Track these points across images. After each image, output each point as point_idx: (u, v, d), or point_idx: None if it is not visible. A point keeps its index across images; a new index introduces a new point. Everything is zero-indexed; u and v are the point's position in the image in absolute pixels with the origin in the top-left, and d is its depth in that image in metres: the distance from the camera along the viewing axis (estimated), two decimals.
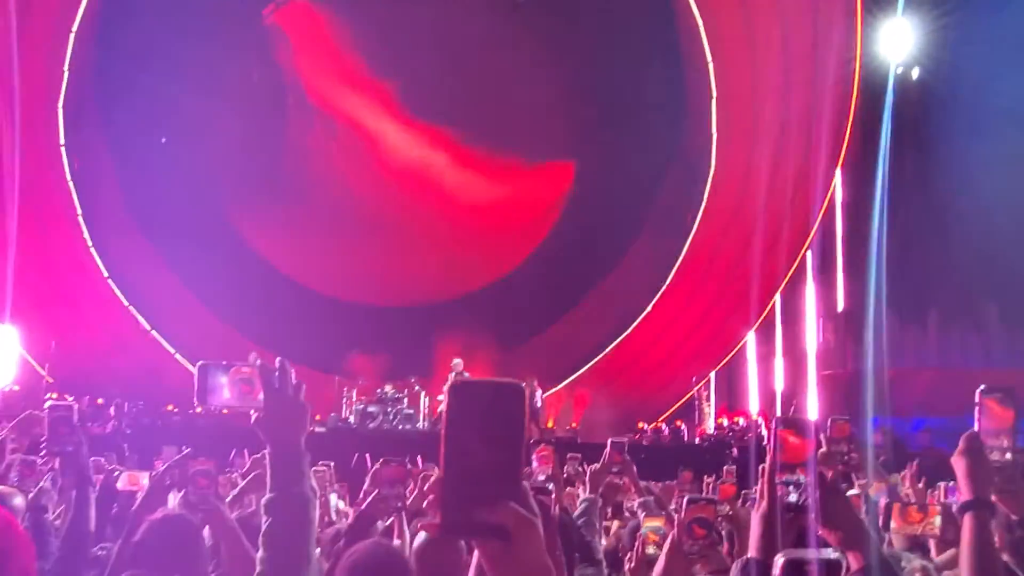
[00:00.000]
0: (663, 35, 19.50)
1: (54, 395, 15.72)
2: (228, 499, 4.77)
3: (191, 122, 18.84)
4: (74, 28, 17.62)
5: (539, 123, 20.05)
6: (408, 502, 4.30)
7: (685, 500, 2.62)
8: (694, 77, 19.51)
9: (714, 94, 18.93)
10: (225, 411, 2.57)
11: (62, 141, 17.87)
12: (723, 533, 4.03)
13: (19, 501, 4.14)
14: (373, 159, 20.51)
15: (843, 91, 17.26)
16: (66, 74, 17.59)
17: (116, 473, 5.07)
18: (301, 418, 2.20)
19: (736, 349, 18.87)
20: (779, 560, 1.53)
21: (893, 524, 3.66)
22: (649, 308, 19.83)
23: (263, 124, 20.06)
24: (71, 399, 15.80)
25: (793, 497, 1.95)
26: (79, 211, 18.22)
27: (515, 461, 1.22)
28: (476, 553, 1.36)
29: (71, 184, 18.12)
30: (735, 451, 14.97)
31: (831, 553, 1.62)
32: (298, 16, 20.01)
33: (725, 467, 5.71)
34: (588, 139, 20.28)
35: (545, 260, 20.55)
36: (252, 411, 2.18)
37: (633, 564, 2.73)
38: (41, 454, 4.95)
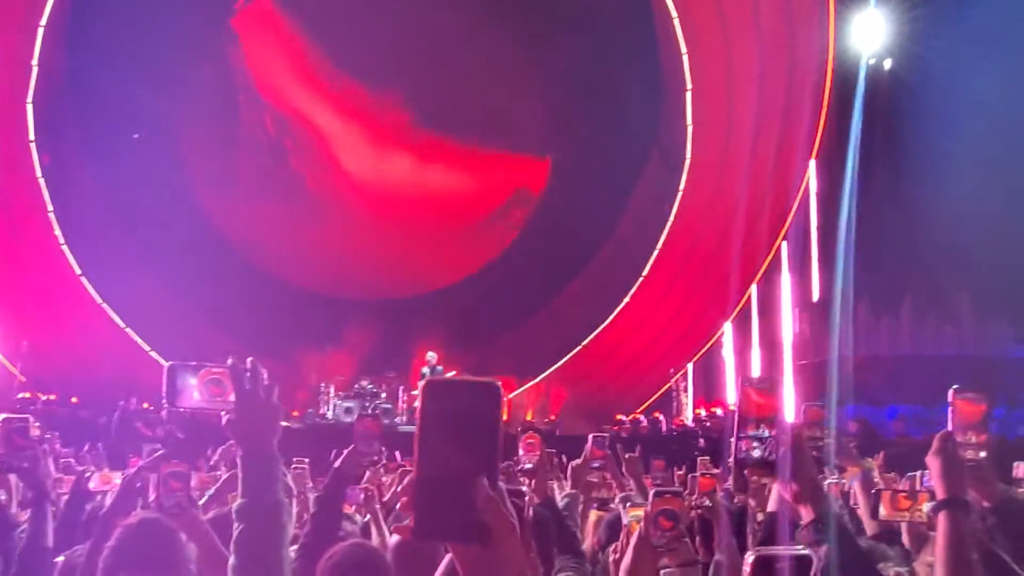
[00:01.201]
0: (638, 27, 19.51)
1: (27, 394, 15.57)
2: (204, 498, 4.72)
3: (161, 118, 18.67)
4: (43, 22, 17.34)
5: (514, 116, 20.06)
6: (387, 498, 4.28)
7: (652, 492, 2.62)
8: (669, 69, 19.55)
9: (689, 86, 18.97)
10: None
11: (31, 137, 17.59)
12: (695, 525, 4.04)
13: None
14: (342, 157, 20.48)
15: (817, 83, 17.36)
16: (35, 69, 17.31)
17: (88, 473, 5.00)
18: (273, 420, 2.15)
19: (713, 340, 18.97)
20: (749, 558, 1.53)
21: (882, 511, 3.68)
22: (626, 300, 19.87)
23: (226, 121, 19.96)
24: (47, 397, 15.63)
25: (757, 452, 1.98)
26: (50, 208, 17.95)
27: (490, 462, 1.19)
28: (448, 555, 1.34)
29: (41, 181, 17.85)
30: (701, 442, 15.10)
31: (800, 549, 1.62)
32: (260, 17, 19.90)
33: (699, 458, 5.72)
34: (563, 131, 20.30)
35: (522, 253, 20.56)
36: (223, 413, 2.13)
37: (618, 555, 2.73)
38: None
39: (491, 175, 20.93)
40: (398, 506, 4.23)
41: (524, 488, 3.14)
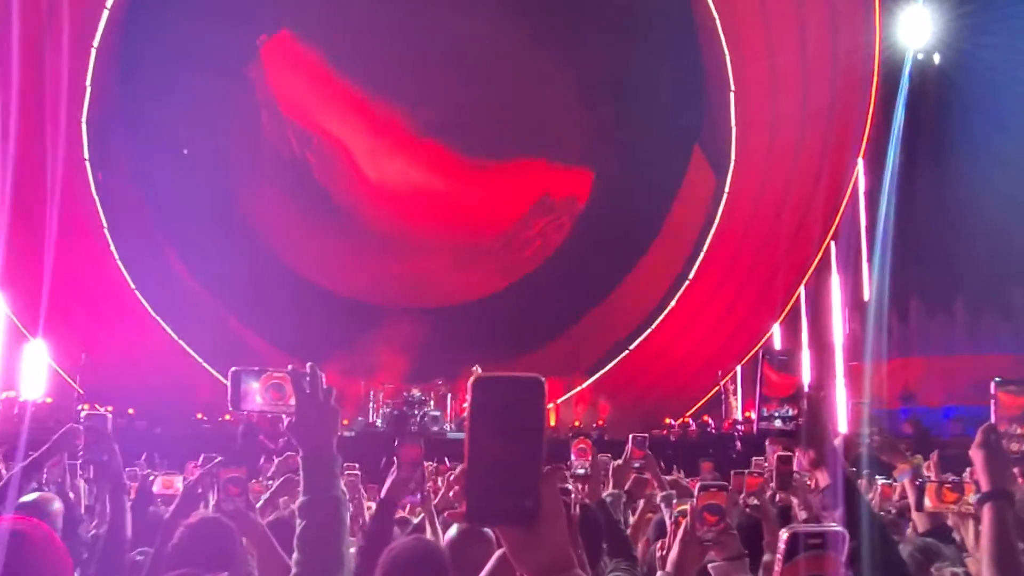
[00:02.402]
0: (680, 31, 19.43)
1: (85, 406, 15.95)
2: (259, 504, 4.84)
3: (210, 135, 19.08)
4: (95, 43, 17.84)
5: (553, 124, 20.10)
6: (437, 500, 4.34)
7: (697, 487, 2.64)
8: (712, 70, 19.44)
9: (732, 87, 18.85)
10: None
11: (86, 155, 18.08)
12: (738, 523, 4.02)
13: (56, 507, 4.23)
14: (385, 172, 20.72)
15: (863, 79, 17.12)
16: (88, 89, 17.79)
17: (151, 477, 5.15)
18: (332, 422, 2.24)
19: (762, 342, 18.76)
20: (783, 534, 1.56)
21: (927, 503, 3.65)
22: (672, 304, 19.78)
23: (251, 138, 20.33)
24: (104, 409, 16.02)
25: (778, 423, 2.04)
26: (104, 224, 18.42)
27: (536, 452, 1.25)
28: (500, 549, 1.40)
29: (96, 197, 18.34)
30: (738, 444, 14.95)
31: (835, 526, 1.65)
32: (282, 43, 20.22)
33: (754, 459, 5.70)
34: (604, 137, 20.29)
35: (567, 259, 20.58)
36: (284, 416, 2.23)
37: (665, 550, 2.75)
38: (79, 462, 5.06)
39: (533, 184, 21.00)
40: (451, 494, 4.30)
41: (570, 486, 3.18)
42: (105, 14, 17.85)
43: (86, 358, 16.41)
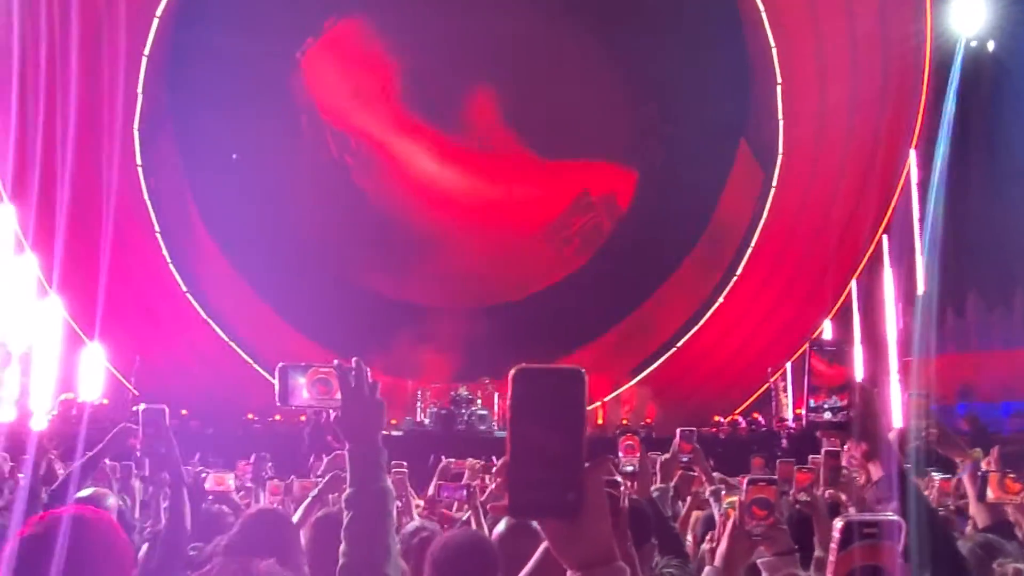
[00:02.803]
0: (724, 24, 19.22)
1: (141, 406, 16.29)
2: (308, 500, 4.90)
3: (257, 138, 19.39)
4: (146, 52, 18.20)
5: (597, 121, 20.03)
6: (484, 497, 4.35)
7: (745, 481, 2.61)
8: (758, 63, 19.19)
9: (779, 80, 18.58)
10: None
11: (139, 161, 18.46)
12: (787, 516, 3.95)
13: (112, 502, 4.32)
14: (425, 171, 20.85)
15: (914, 68, 16.74)
16: (140, 96, 18.16)
17: (203, 475, 5.24)
18: (378, 415, 2.28)
19: (808, 343, 18.43)
20: (838, 523, 1.53)
21: (989, 493, 3.56)
22: (720, 300, 19.57)
23: (292, 140, 20.57)
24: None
25: (828, 415, 2.01)
26: (157, 228, 18.78)
27: (577, 443, 1.24)
28: (544, 544, 1.39)
29: (148, 202, 18.71)
30: (784, 442, 14.74)
31: (890, 515, 1.61)
32: (330, 45, 20.43)
33: (811, 457, 5.60)
34: (649, 133, 20.16)
35: (611, 257, 20.49)
36: (331, 410, 2.27)
37: (715, 543, 2.73)
38: (133, 461, 5.16)
39: (575, 182, 20.97)
40: (493, 487, 4.34)
41: (619, 478, 3.16)
42: (155, 23, 18.20)
43: (140, 361, 16.76)
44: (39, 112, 14.48)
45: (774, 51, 18.51)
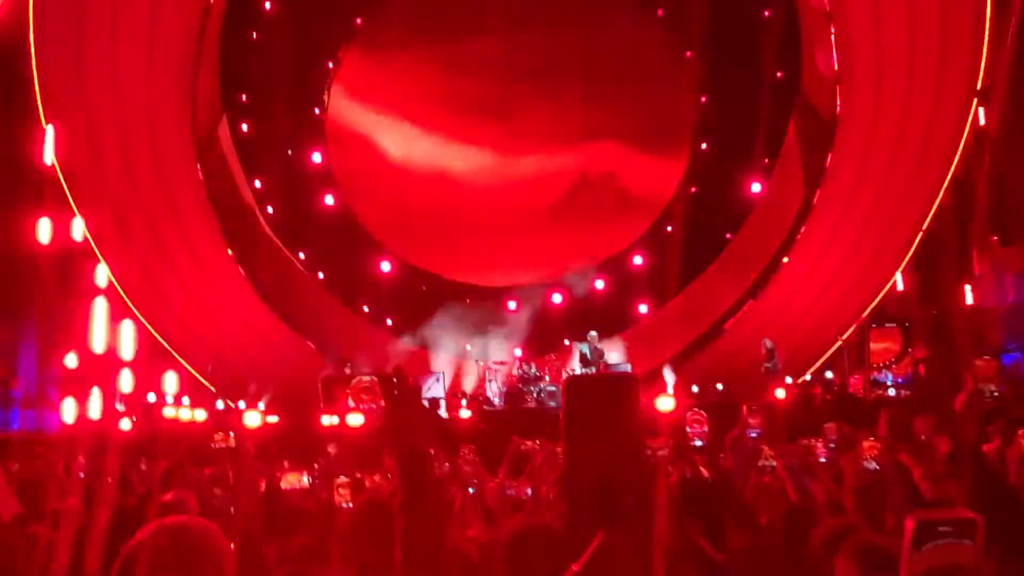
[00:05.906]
0: None
1: (221, 403, 16.90)
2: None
3: (311, 131, 19.82)
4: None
5: (650, 103, 20.17)
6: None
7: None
8: (810, 15, 18.73)
9: (832, 30, 18.03)
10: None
11: (198, 167, 18.82)
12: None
13: (193, 504, 4.48)
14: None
15: (976, 6, 15.98)
16: (193, 103, 18.48)
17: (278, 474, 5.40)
18: (421, 420, 2.31)
19: (882, 294, 17.93)
20: (909, 523, 1.50)
21: None
22: (785, 260, 19.17)
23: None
24: (237, 406, 16.84)
25: (891, 391, 2.00)
26: (223, 233, 19.13)
27: (632, 448, 1.26)
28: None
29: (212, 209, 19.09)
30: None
31: (966, 513, 1.57)
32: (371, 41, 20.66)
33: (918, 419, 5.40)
34: (707, 84, 20.12)
35: (672, 221, 20.53)
36: (374, 417, 2.33)
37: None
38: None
39: (629, 162, 20.99)
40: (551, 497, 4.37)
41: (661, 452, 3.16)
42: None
43: (215, 359, 17.27)
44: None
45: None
